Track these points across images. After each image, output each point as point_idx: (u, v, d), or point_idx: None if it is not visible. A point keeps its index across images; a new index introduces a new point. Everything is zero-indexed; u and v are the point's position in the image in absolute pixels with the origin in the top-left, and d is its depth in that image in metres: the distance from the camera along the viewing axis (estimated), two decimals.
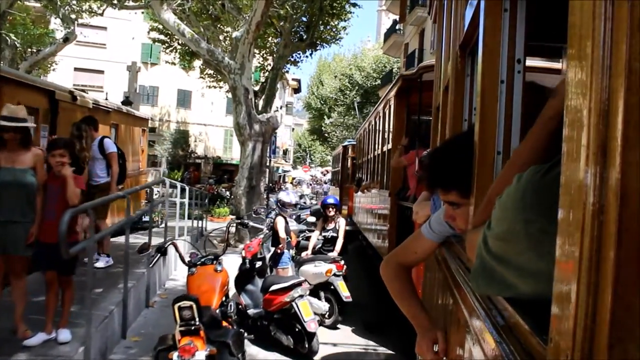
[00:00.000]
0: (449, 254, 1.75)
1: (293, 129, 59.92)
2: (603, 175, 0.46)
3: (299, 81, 52.85)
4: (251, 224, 6.18)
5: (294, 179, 44.04)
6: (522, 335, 0.80)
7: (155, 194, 17.62)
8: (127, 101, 17.41)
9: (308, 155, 56.30)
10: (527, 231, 0.74)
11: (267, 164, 14.99)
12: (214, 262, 4.37)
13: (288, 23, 15.30)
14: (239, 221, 5.78)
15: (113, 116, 10.68)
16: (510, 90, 1.36)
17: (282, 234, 6.25)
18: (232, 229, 10.20)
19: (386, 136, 7.48)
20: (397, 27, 29.60)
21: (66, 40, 16.54)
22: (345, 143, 17.00)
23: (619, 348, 0.44)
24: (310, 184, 37.61)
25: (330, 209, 7.04)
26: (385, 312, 5.69)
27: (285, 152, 51.66)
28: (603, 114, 0.46)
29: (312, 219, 10.08)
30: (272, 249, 6.49)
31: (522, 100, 1.36)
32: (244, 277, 5.39)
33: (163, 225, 12.12)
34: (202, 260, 4.38)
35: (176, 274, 8.17)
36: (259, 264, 5.48)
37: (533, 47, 2.22)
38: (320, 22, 16.66)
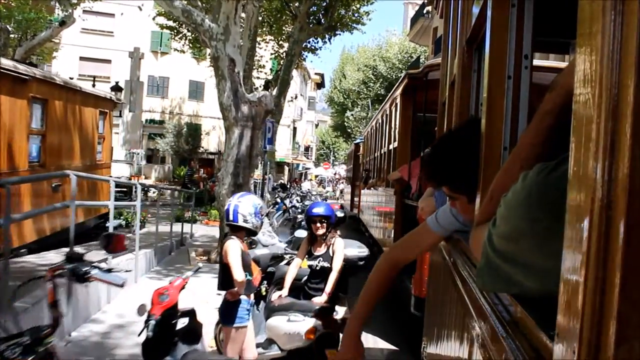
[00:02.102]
0: (455, 250, 1.75)
1: (317, 125, 58.62)
2: (611, 170, 0.46)
3: (322, 76, 51.21)
4: (95, 272, 2.50)
5: (316, 176, 43.41)
6: (528, 330, 0.80)
7: (153, 193, 16.71)
8: (117, 87, 16.41)
9: (332, 153, 54.73)
10: (533, 230, 0.74)
11: (259, 156, 12.56)
12: None
13: (303, 5, 14.06)
14: (71, 266, 2.43)
15: (35, 87, 7.62)
16: (517, 86, 1.35)
17: (237, 272, 3.50)
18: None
19: (392, 134, 7.49)
20: (424, 11, 27.38)
21: (63, 24, 15.19)
22: (357, 141, 16.90)
23: (626, 345, 0.44)
24: (331, 182, 37.01)
25: (318, 224, 4.31)
26: None
27: (307, 148, 50.33)
28: (612, 109, 0.46)
29: (303, 232, 5.90)
30: (222, 294, 3.87)
31: (529, 96, 1.35)
32: (156, 346, 3.02)
33: (143, 230, 10.39)
34: None
35: (107, 308, 5.74)
36: (182, 322, 3.18)
37: (541, 42, 2.21)
38: (340, 3, 15.29)
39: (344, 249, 4.40)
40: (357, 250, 5.06)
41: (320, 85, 52.85)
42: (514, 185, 0.80)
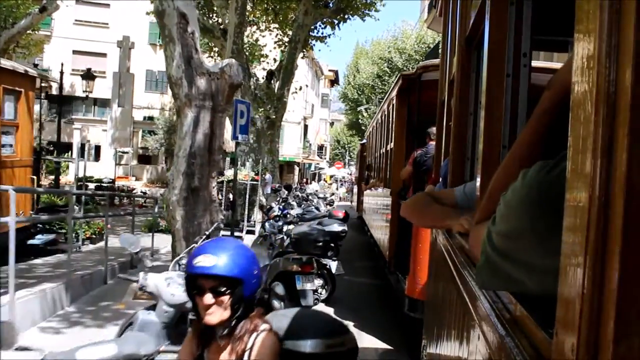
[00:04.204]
0: (454, 249, 1.75)
1: (332, 124, 56.70)
2: (609, 168, 0.46)
3: (336, 72, 49.21)
4: None
5: (331, 176, 42.43)
6: (527, 329, 0.80)
7: (144, 195, 15.43)
8: (88, 75, 15.52)
9: (347, 152, 52.21)
10: (533, 228, 0.74)
11: (223, 149, 9.17)
12: None
13: None
14: None
15: None
16: (516, 84, 1.35)
17: None
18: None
19: (390, 135, 7.53)
20: None
21: (43, 10, 13.77)
22: (363, 141, 16.71)
23: (625, 342, 0.44)
24: (345, 182, 36.20)
25: (207, 297, 1.65)
26: None
27: (321, 147, 48.29)
28: (609, 107, 0.46)
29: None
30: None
31: (528, 94, 1.35)
32: None
33: (95, 246, 8.69)
34: None
35: None
36: None
37: (540, 40, 2.21)
38: None
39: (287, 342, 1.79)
40: (325, 342, 1.87)
41: (333, 82, 50.55)
42: (513, 184, 0.80)
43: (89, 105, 29.63)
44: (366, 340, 5.43)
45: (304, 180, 36.03)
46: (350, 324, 5.87)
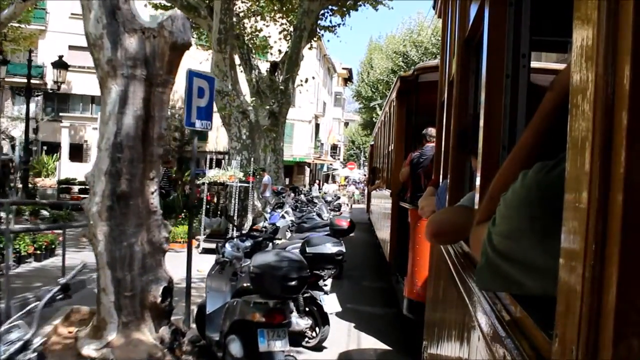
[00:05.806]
0: (455, 250, 1.75)
1: (347, 124, 55.25)
2: (607, 169, 0.46)
3: (349, 70, 47.67)
4: None
5: (345, 177, 41.56)
6: (527, 330, 0.80)
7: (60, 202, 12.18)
8: (59, 63, 14.76)
9: (362, 153, 50.19)
10: (533, 229, 0.74)
11: (163, 138, 4.60)
12: None
13: None
14: None
15: None
16: (515, 84, 1.35)
17: None
18: None
19: (391, 136, 7.56)
20: None
21: None
22: (372, 142, 16.56)
23: (624, 343, 0.44)
24: (359, 183, 35.39)
25: None
26: None
27: (334, 147, 46.45)
28: (608, 108, 0.46)
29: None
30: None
31: (527, 95, 1.36)
32: None
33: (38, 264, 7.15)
34: None
35: None
36: None
37: (539, 41, 2.22)
38: None
39: None
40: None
41: (347, 81, 48.80)
42: (513, 184, 0.80)
43: (86, 104, 29.45)
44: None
45: (317, 181, 33.63)
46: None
